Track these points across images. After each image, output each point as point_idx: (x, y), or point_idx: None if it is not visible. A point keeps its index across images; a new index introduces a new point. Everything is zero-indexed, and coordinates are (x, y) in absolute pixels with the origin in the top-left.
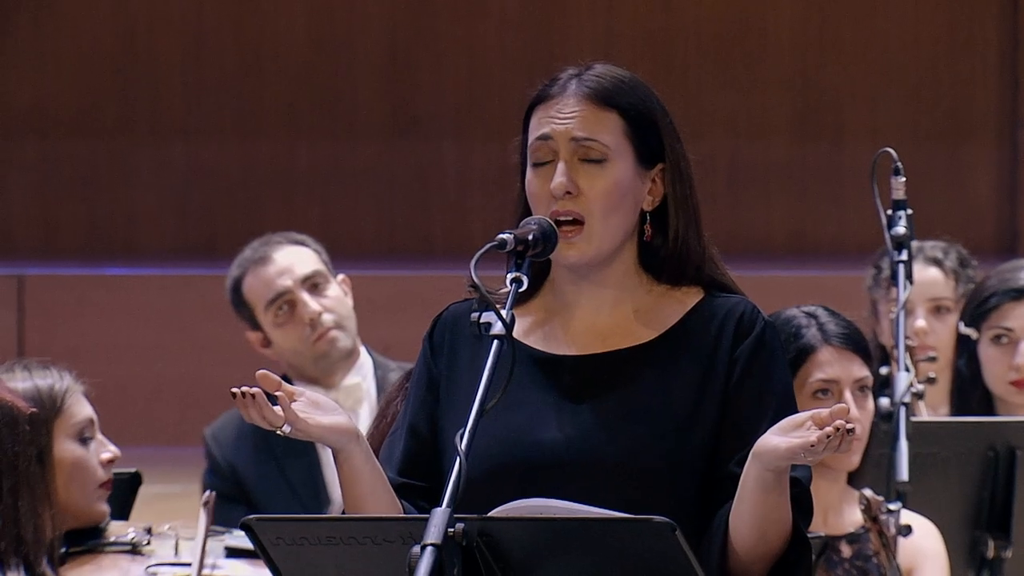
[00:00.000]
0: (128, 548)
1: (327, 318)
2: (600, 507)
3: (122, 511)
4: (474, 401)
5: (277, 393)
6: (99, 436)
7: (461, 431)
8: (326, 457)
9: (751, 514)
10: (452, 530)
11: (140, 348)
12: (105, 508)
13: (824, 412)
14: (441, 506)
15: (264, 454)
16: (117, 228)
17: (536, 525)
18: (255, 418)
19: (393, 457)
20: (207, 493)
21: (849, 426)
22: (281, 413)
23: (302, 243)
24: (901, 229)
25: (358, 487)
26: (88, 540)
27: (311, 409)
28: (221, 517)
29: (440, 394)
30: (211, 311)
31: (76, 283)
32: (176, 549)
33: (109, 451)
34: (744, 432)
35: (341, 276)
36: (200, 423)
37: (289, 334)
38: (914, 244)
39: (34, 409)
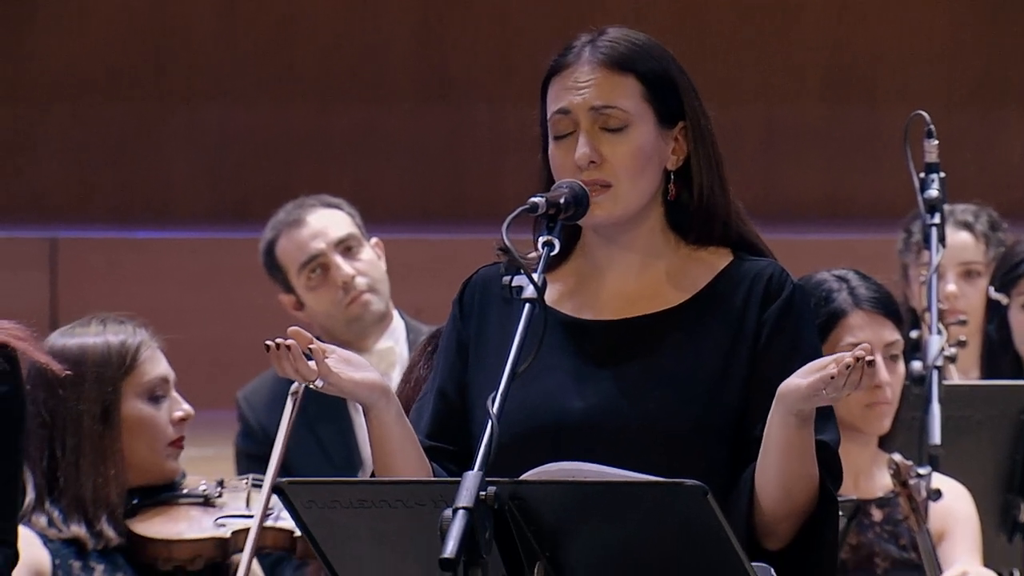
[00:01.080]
0: (200, 500)
1: (360, 281)
2: (630, 471)
3: None
4: (505, 365)
5: (311, 346)
6: (173, 394)
7: (493, 395)
8: (358, 420)
9: (776, 466)
10: (484, 493)
11: (172, 312)
12: (176, 466)
13: (847, 355)
14: (473, 469)
15: (296, 417)
16: (150, 191)
17: (568, 488)
18: (288, 371)
19: (422, 420)
20: (296, 384)
21: (869, 357)
22: (314, 367)
23: (336, 206)
24: (934, 192)
25: (388, 444)
26: (162, 494)
27: (343, 365)
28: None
29: (469, 357)
30: (244, 274)
31: (109, 246)
32: (247, 501)
33: (182, 409)
34: (772, 395)
35: (374, 239)
36: (233, 387)
37: (322, 297)
38: (945, 208)
39: (68, 372)
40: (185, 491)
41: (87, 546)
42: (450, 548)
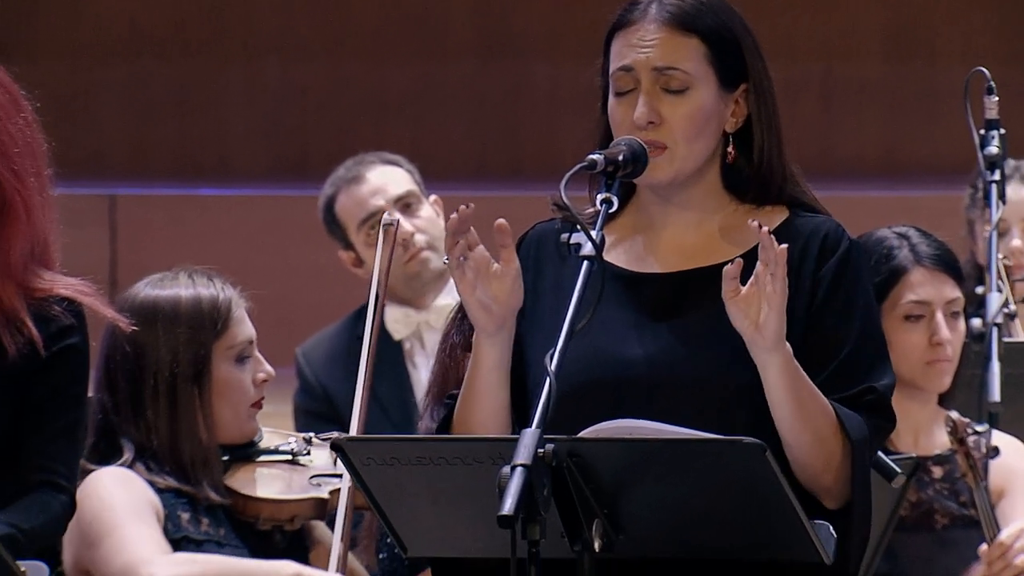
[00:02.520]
0: (287, 458)
1: (419, 239)
2: (685, 425)
3: None
4: (562, 322)
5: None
6: (256, 354)
7: (550, 352)
8: (416, 377)
9: (787, 416)
10: (542, 451)
11: (231, 268)
12: (256, 426)
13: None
14: (531, 427)
15: (355, 374)
16: (208, 148)
17: (625, 446)
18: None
19: None
20: (387, 216)
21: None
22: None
23: (395, 163)
24: (994, 149)
25: (479, 383)
26: (248, 451)
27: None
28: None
29: (525, 312)
30: (302, 231)
31: (167, 203)
32: (335, 461)
33: (264, 371)
34: (829, 352)
35: (433, 197)
36: (292, 343)
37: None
38: (1010, 163)
39: (135, 327)
40: (271, 447)
41: (196, 498)
42: (508, 505)
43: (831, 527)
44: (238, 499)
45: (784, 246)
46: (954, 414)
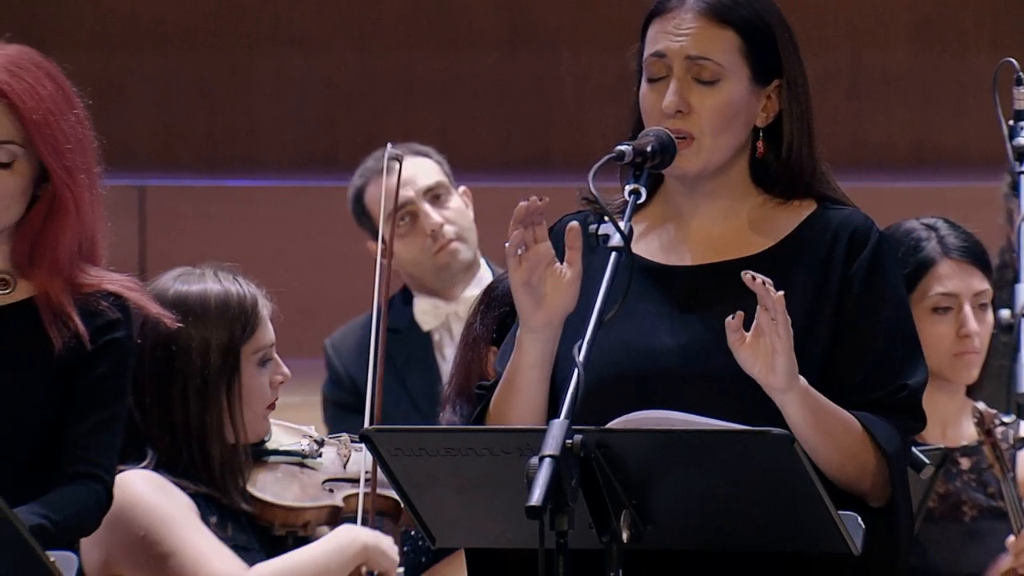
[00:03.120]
0: (298, 460)
1: (448, 230)
2: (715, 417)
3: None
4: (590, 312)
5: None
6: (275, 357)
7: (579, 343)
8: (445, 368)
9: (814, 443)
10: (570, 441)
11: (260, 259)
12: (268, 426)
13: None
14: (559, 417)
15: (384, 364)
16: (237, 139)
17: (654, 437)
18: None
19: (506, 358)
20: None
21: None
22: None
23: (425, 154)
24: (1023, 140)
25: (520, 380)
26: (255, 449)
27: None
28: (339, 427)
29: None
30: (331, 222)
31: (196, 194)
32: (345, 464)
33: (281, 374)
34: (864, 352)
35: (462, 188)
36: (320, 335)
37: (410, 245)
38: None
39: (180, 324)
40: (284, 449)
41: (221, 503)
42: (536, 496)
43: (859, 518)
44: (256, 504)
45: (780, 293)
46: (981, 405)
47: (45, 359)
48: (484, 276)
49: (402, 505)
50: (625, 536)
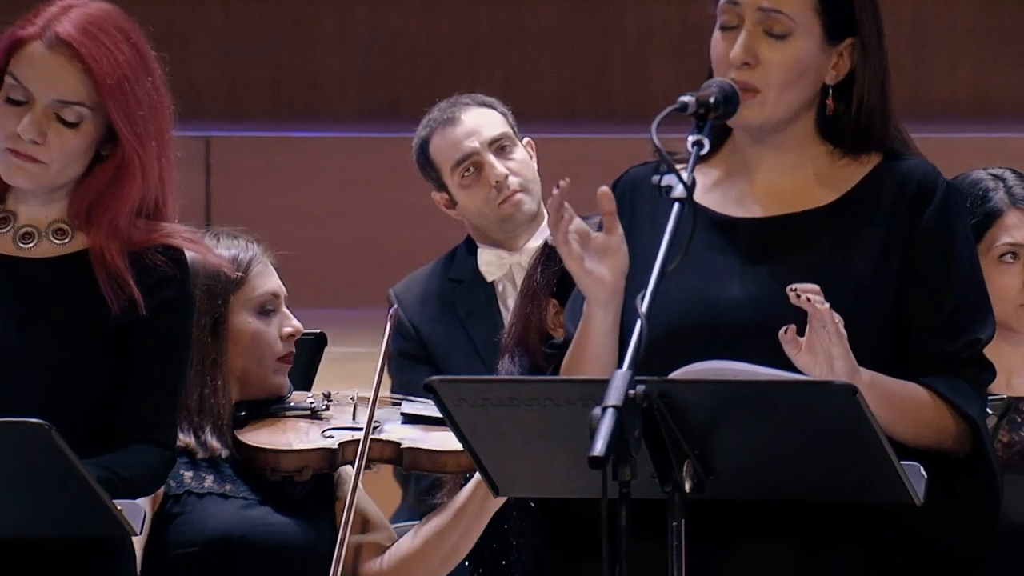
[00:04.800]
0: (307, 413)
1: (513, 181)
2: (779, 368)
3: (307, 372)
4: (654, 264)
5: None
6: (283, 310)
7: (642, 293)
8: (505, 329)
9: (890, 423)
10: (633, 392)
11: (324, 210)
12: (283, 381)
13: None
14: (622, 368)
15: (448, 315)
16: (301, 91)
17: (716, 387)
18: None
19: (575, 315)
20: (392, 310)
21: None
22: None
23: (489, 105)
24: None
25: (589, 348)
26: (269, 407)
27: (597, 252)
28: (405, 377)
29: None
30: (394, 174)
31: (261, 145)
32: (354, 415)
33: (291, 326)
34: (936, 306)
35: (526, 139)
36: (383, 285)
37: (475, 196)
38: None
39: (240, 273)
40: (291, 404)
41: (196, 455)
42: (599, 446)
43: (921, 468)
44: (245, 451)
45: (827, 306)
46: None
47: (101, 315)
48: (547, 227)
49: (403, 448)
50: (688, 486)
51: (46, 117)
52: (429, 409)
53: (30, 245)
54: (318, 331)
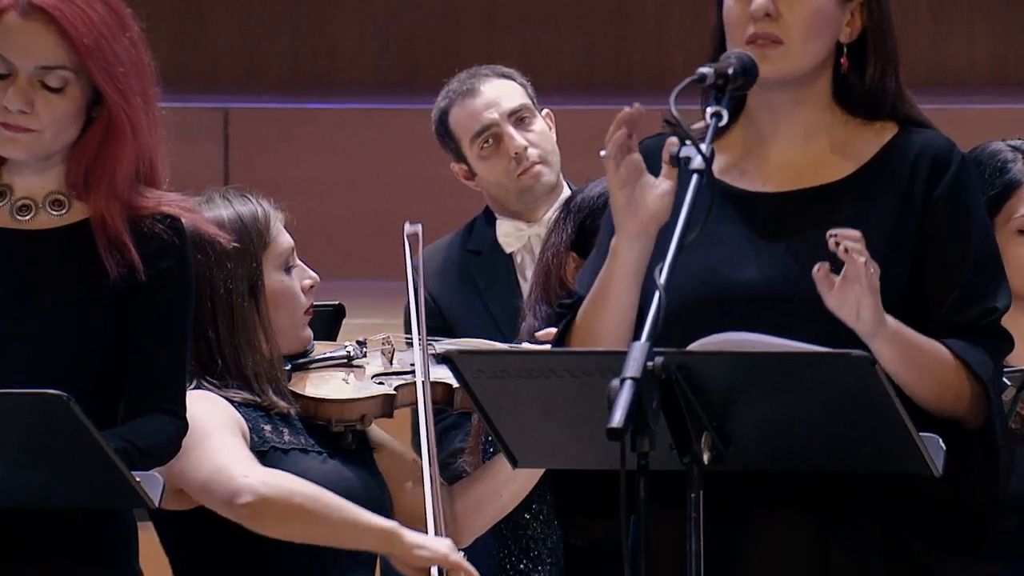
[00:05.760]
0: (344, 361)
1: (532, 152)
2: (797, 340)
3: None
4: (672, 235)
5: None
6: (299, 263)
7: (660, 265)
8: (527, 290)
9: (910, 379)
10: (651, 364)
11: (341, 182)
12: (309, 333)
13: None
14: (640, 340)
15: (467, 286)
16: (319, 62)
17: (735, 359)
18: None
19: (586, 275)
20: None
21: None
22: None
23: (509, 76)
24: None
25: (610, 288)
26: (302, 359)
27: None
28: None
29: None
30: (412, 145)
31: (279, 116)
32: (390, 360)
33: (310, 277)
34: (950, 278)
35: (545, 110)
36: (401, 257)
37: (494, 167)
38: None
39: (236, 244)
40: (327, 354)
41: (269, 409)
42: (617, 418)
43: (940, 440)
44: (308, 403)
45: (864, 258)
46: None
47: (100, 285)
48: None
49: (454, 389)
50: (706, 457)
51: (31, 86)
52: (464, 346)
53: (27, 217)
54: (336, 303)
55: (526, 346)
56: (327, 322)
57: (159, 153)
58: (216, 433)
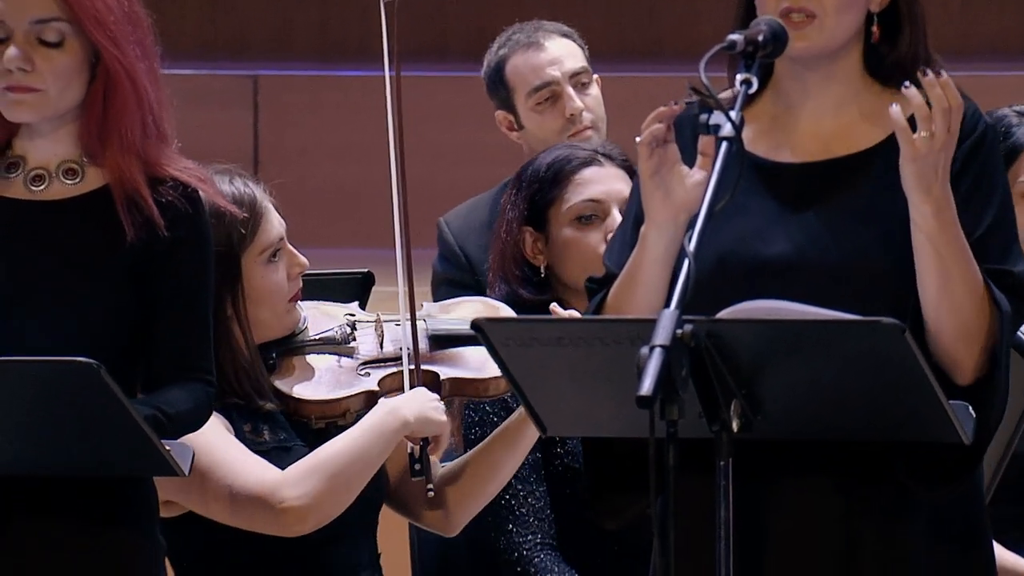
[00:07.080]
0: (333, 345)
1: (586, 116)
2: (827, 308)
3: None
4: (701, 203)
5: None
6: (288, 247)
7: (689, 233)
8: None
9: (930, 271)
10: (680, 331)
11: (371, 149)
12: (297, 316)
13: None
14: (669, 307)
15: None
16: (349, 29)
17: (764, 327)
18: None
19: (615, 250)
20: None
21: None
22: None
23: (570, 37)
24: None
25: (642, 274)
26: (290, 342)
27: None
28: None
29: None
30: (441, 112)
31: (309, 84)
32: (380, 342)
33: (298, 264)
34: (968, 234)
35: (595, 76)
36: (429, 224)
37: (544, 124)
38: None
39: (246, 215)
40: (316, 337)
41: (248, 409)
42: (647, 386)
43: (969, 407)
44: (289, 402)
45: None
46: None
47: (118, 253)
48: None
49: (442, 377)
50: (735, 425)
51: (28, 44)
52: (457, 325)
53: (41, 187)
54: (365, 270)
55: (560, 312)
56: (356, 290)
57: (164, 108)
58: (225, 449)
